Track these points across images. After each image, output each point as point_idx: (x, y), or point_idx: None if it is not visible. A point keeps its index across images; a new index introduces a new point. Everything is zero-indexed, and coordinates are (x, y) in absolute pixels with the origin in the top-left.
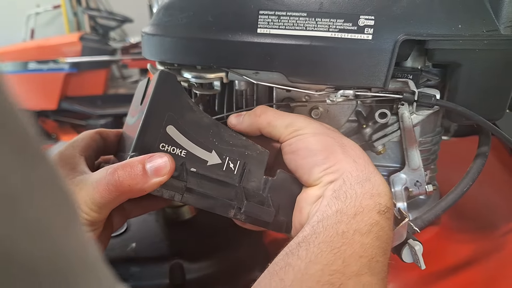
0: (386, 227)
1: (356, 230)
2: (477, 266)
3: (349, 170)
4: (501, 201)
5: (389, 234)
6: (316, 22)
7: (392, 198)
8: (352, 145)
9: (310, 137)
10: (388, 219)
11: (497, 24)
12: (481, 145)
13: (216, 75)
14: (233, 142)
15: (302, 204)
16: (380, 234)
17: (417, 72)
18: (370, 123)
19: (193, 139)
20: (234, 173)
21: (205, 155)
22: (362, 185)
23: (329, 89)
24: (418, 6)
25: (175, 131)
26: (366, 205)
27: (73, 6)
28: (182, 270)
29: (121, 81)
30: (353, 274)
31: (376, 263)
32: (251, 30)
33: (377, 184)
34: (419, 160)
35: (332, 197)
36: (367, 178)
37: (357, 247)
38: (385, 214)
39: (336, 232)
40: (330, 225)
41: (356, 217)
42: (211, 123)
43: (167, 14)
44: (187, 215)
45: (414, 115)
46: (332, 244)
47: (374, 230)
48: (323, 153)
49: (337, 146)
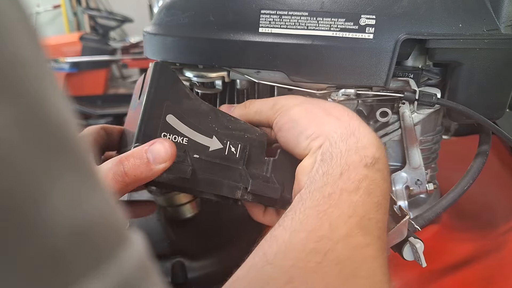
0: (378, 178)
1: (343, 189)
2: (477, 264)
3: (333, 130)
4: (502, 200)
5: (383, 186)
6: (317, 21)
7: (381, 148)
8: (334, 106)
9: (291, 109)
10: (378, 171)
11: (498, 24)
12: (482, 144)
13: (217, 74)
14: (232, 126)
15: (299, 177)
16: (371, 188)
17: (418, 71)
18: (371, 122)
19: (193, 126)
20: (236, 156)
21: (207, 141)
22: (346, 142)
23: (330, 88)
24: (419, 5)
25: (175, 119)
26: (351, 161)
27: (73, 6)
28: (184, 269)
29: (121, 81)
30: (341, 237)
31: (369, 220)
32: (253, 29)
33: (361, 137)
34: (420, 159)
35: (319, 161)
36: (351, 133)
37: (345, 207)
38: (374, 166)
39: (323, 195)
40: (317, 189)
41: (342, 176)
42: (209, 109)
43: (169, 13)
44: (188, 213)
45: (415, 114)
46: (318, 208)
47: (363, 186)
48: (305, 120)
49: (318, 110)
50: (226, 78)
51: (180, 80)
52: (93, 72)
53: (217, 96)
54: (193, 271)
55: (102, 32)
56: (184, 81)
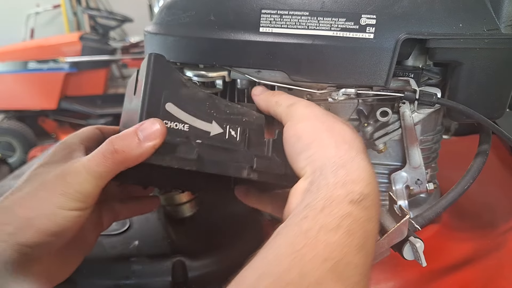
0: (363, 218)
1: (322, 226)
2: (477, 264)
3: (328, 157)
4: (501, 199)
5: (368, 226)
6: (318, 21)
7: (372, 184)
8: (342, 129)
9: (300, 123)
10: (365, 209)
11: (498, 23)
12: (482, 144)
13: (218, 74)
14: (229, 111)
15: (290, 198)
16: (353, 228)
17: (418, 70)
18: (372, 121)
19: (192, 113)
20: (237, 140)
21: (207, 126)
22: (335, 173)
23: (330, 87)
24: (419, 5)
25: (174, 107)
26: (337, 195)
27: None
28: (184, 268)
29: (121, 80)
30: (311, 284)
31: (346, 265)
32: (254, 29)
33: (353, 170)
34: (420, 159)
35: (306, 192)
36: (343, 164)
37: (321, 248)
38: (360, 203)
39: (300, 231)
40: (295, 222)
41: (323, 211)
42: (206, 96)
43: (169, 13)
44: (187, 212)
45: (415, 113)
46: (292, 247)
47: (345, 224)
48: (308, 139)
49: (324, 131)
50: (226, 78)
51: (176, 70)
52: (93, 72)
53: (218, 95)
54: (194, 270)
55: (102, 32)
56: None
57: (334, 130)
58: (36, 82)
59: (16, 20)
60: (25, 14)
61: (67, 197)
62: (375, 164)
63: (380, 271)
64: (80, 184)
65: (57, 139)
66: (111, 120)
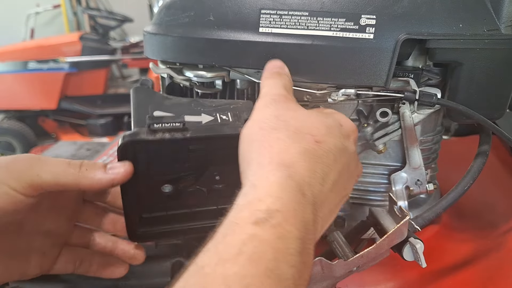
0: (271, 238)
1: (220, 259)
2: (477, 265)
3: (247, 176)
4: (501, 200)
5: (279, 245)
6: (317, 21)
7: (283, 198)
8: (276, 140)
9: (247, 123)
10: (273, 227)
11: (498, 24)
12: (482, 144)
13: (217, 74)
14: (216, 104)
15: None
16: (257, 252)
17: (418, 71)
18: (371, 122)
19: (180, 113)
20: (230, 121)
21: (197, 118)
22: (246, 195)
23: (330, 88)
24: (419, 5)
25: (162, 113)
26: (240, 218)
27: (73, 5)
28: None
29: (121, 80)
30: None
31: None
32: (253, 29)
33: (261, 187)
34: (420, 159)
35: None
36: (255, 183)
37: (216, 285)
38: (266, 222)
39: (196, 269)
40: (195, 261)
41: (225, 239)
42: (189, 99)
43: (169, 13)
44: None
45: (415, 114)
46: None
47: (247, 250)
48: (244, 148)
49: (255, 142)
50: (226, 78)
51: (158, 92)
52: (93, 72)
53: (217, 95)
54: None
55: (102, 32)
56: (184, 81)
57: (266, 142)
58: (36, 82)
59: (16, 20)
60: (25, 14)
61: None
62: (375, 165)
63: (380, 272)
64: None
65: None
66: (111, 120)
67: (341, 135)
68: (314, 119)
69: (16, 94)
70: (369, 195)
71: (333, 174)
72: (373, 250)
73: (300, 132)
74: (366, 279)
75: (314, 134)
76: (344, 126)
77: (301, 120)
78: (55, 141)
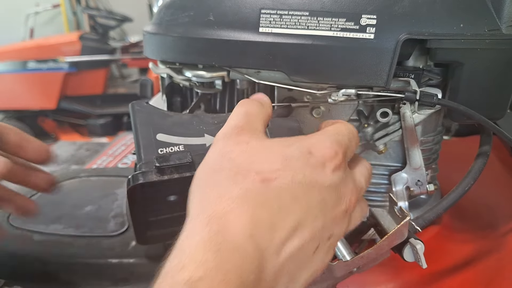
0: None
1: None
2: (478, 265)
3: (182, 232)
4: (502, 200)
5: None
6: (318, 21)
7: (210, 262)
8: (216, 184)
9: (205, 158)
10: None
11: (499, 24)
12: (483, 145)
13: (217, 74)
14: (217, 121)
15: None
16: None
17: (419, 71)
18: (372, 122)
19: (183, 134)
20: None
21: (200, 140)
22: (171, 258)
23: (330, 88)
24: (420, 5)
25: (165, 135)
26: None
27: (72, 5)
28: None
29: (121, 80)
30: None
31: None
32: (253, 29)
33: (187, 251)
34: (421, 160)
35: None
36: (181, 244)
37: None
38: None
39: None
40: None
41: None
42: (190, 116)
43: (168, 13)
44: None
45: (416, 114)
46: None
47: None
48: (188, 207)
49: (199, 187)
50: (226, 78)
51: (156, 107)
52: (93, 71)
53: (217, 96)
54: None
55: (102, 32)
56: (183, 81)
57: (205, 187)
58: (35, 82)
59: (15, 20)
60: (24, 14)
61: None
62: (375, 165)
63: (380, 273)
64: None
65: (57, 139)
66: (111, 120)
67: (306, 166)
68: (268, 151)
69: (15, 94)
70: (370, 196)
71: (292, 218)
72: (373, 251)
73: (244, 169)
74: (366, 280)
75: (262, 170)
76: (316, 153)
77: (250, 155)
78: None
